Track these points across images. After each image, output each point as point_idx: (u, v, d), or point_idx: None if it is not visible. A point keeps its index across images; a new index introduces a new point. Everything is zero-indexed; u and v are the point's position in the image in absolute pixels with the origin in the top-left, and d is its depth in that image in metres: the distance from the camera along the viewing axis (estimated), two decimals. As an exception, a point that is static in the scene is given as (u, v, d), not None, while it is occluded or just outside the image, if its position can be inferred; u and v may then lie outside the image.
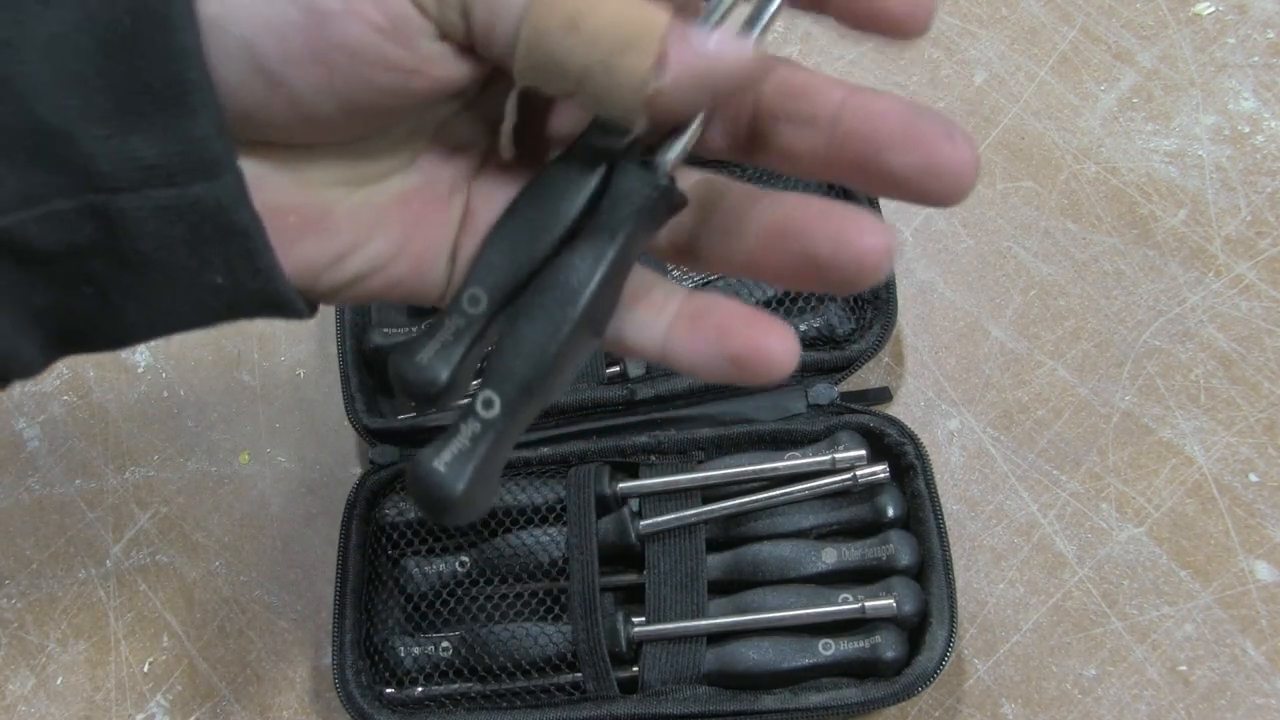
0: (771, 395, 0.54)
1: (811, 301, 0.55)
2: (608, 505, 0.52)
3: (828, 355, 0.54)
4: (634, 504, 0.52)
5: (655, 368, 0.55)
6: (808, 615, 0.48)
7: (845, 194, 0.53)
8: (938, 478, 0.51)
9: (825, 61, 0.63)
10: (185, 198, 0.23)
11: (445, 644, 0.51)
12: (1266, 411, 0.53)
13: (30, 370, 0.25)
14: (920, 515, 0.50)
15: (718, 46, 0.24)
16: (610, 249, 0.26)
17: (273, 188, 0.25)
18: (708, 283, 0.56)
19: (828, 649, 0.48)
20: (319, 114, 0.24)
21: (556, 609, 0.51)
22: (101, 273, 0.24)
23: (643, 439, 0.53)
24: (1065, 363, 0.55)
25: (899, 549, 0.49)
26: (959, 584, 0.49)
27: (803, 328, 0.54)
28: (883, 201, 0.55)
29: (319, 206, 0.26)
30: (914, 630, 0.48)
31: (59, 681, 0.56)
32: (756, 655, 0.48)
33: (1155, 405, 0.54)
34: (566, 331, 0.26)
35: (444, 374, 0.27)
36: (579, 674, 0.49)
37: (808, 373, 0.54)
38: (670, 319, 0.28)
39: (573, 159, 0.27)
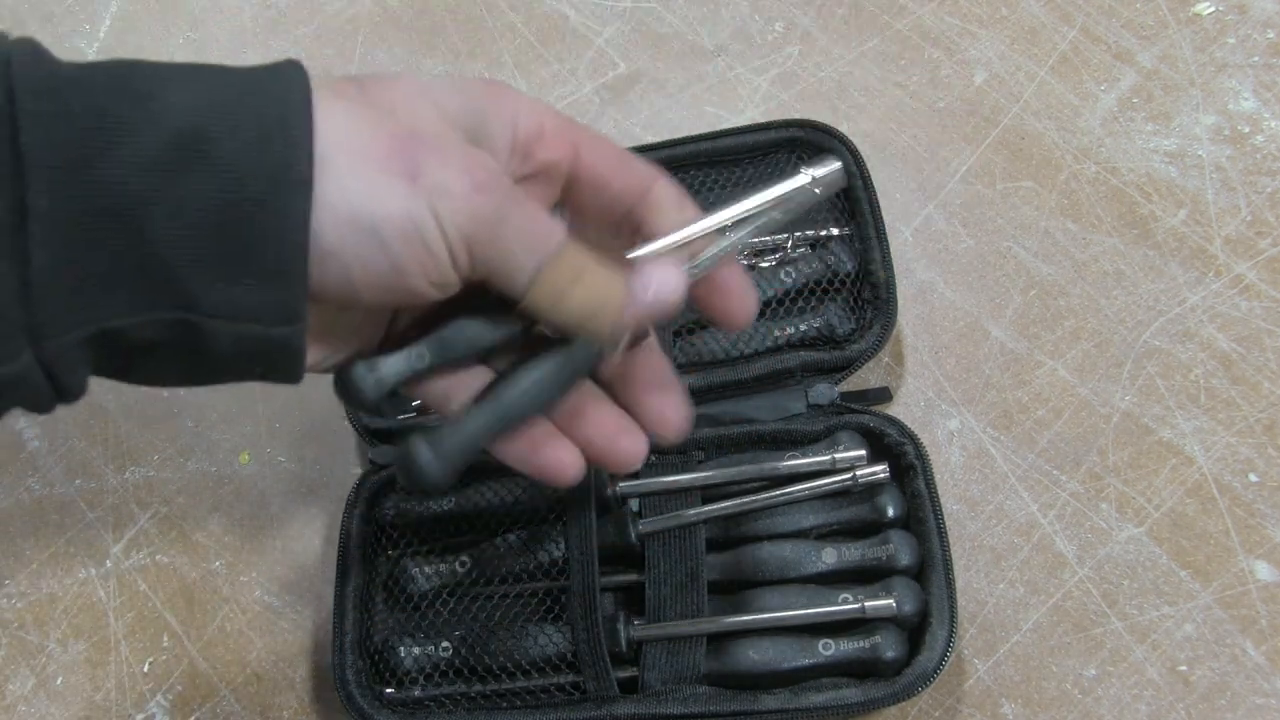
0: (772, 395, 0.54)
1: (811, 301, 0.55)
2: (608, 505, 0.52)
3: (828, 355, 0.54)
4: (634, 504, 0.52)
5: (655, 368, 0.55)
6: (808, 615, 0.48)
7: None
8: (938, 478, 0.51)
9: (825, 62, 0.63)
10: (267, 335, 0.32)
11: (445, 644, 0.51)
12: (1266, 411, 0.53)
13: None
14: (920, 515, 0.50)
15: (660, 291, 0.37)
16: (582, 352, 0.38)
17: (310, 324, 0.34)
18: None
19: (828, 649, 0.48)
20: (368, 306, 0.36)
21: (556, 609, 0.51)
22: (175, 358, 0.33)
23: (643, 439, 0.53)
24: (1065, 363, 0.55)
25: (899, 549, 0.49)
26: (959, 584, 0.49)
27: (803, 328, 0.54)
28: (883, 202, 0.55)
29: (325, 325, 0.36)
30: (914, 630, 0.48)
31: (59, 681, 0.56)
32: (756, 655, 0.48)
33: (1155, 405, 0.54)
34: (524, 387, 0.38)
35: (369, 385, 0.37)
36: (579, 674, 0.49)
37: (808, 373, 0.54)
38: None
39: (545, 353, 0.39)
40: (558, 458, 0.40)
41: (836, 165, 0.41)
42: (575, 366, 0.38)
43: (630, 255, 0.38)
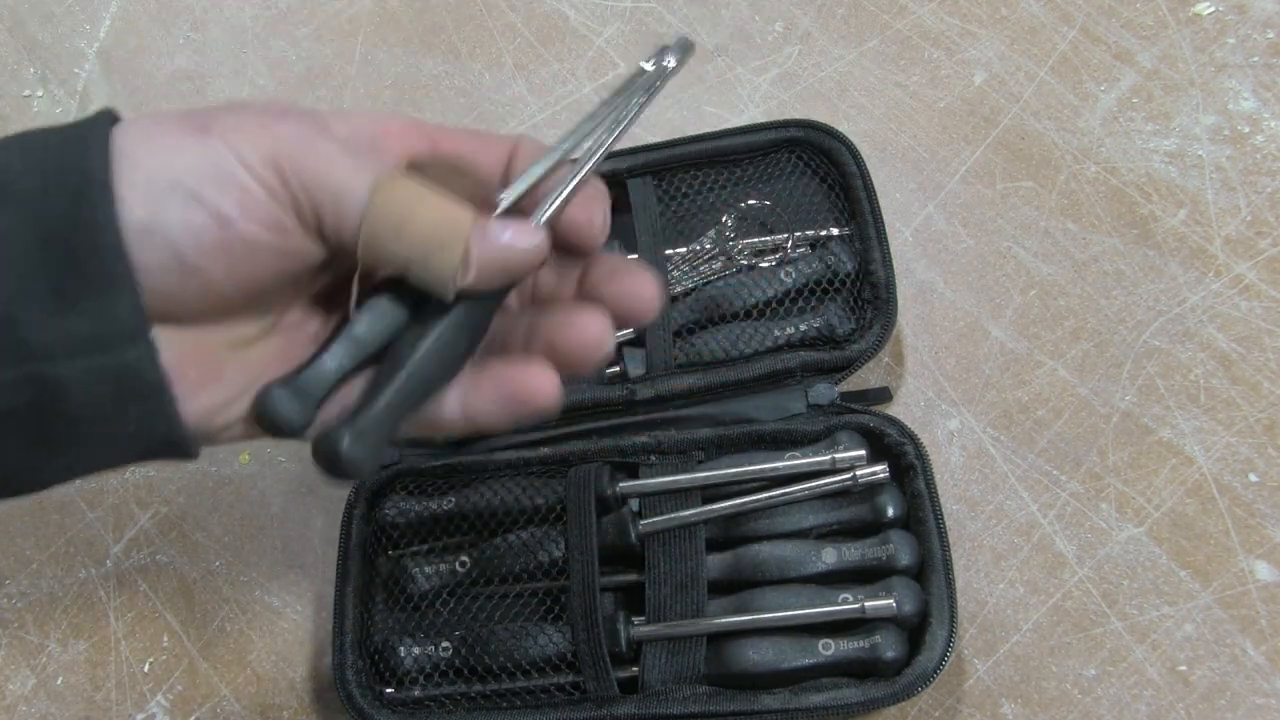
0: (772, 395, 0.54)
1: (811, 301, 0.55)
2: (608, 505, 0.52)
3: (828, 355, 0.54)
4: (634, 504, 0.52)
5: (655, 367, 0.55)
6: (808, 615, 0.48)
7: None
8: (938, 478, 0.51)
9: (825, 62, 0.63)
10: (113, 361, 0.30)
11: (445, 644, 0.51)
12: (1266, 411, 0.53)
13: None
14: (920, 515, 0.50)
15: (512, 239, 0.33)
16: (457, 319, 0.35)
17: (178, 351, 0.32)
18: (707, 283, 0.56)
19: (828, 649, 0.48)
20: (220, 291, 0.32)
21: (556, 609, 0.51)
22: (34, 428, 0.30)
23: (643, 439, 0.53)
24: (1065, 363, 0.55)
25: (899, 549, 0.49)
26: (959, 584, 0.49)
27: (803, 328, 0.54)
28: (883, 202, 0.55)
29: (210, 366, 0.33)
30: (914, 630, 0.48)
31: (59, 681, 0.56)
32: (756, 655, 0.48)
33: (1155, 405, 0.54)
34: (427, 347, 0.34)
35: (300, 414, 0.34)
36: (579, 674, 0.49)
37: (808, 373, 0.54)
38: (460, 389, 0.36)
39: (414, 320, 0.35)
40: (530, 383, 0.36)
41: (673, 44, 0.38)
42: (475, 319, 0.35)
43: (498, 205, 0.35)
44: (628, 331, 0.56)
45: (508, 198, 0.35)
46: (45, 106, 0.67)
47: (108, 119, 0.31)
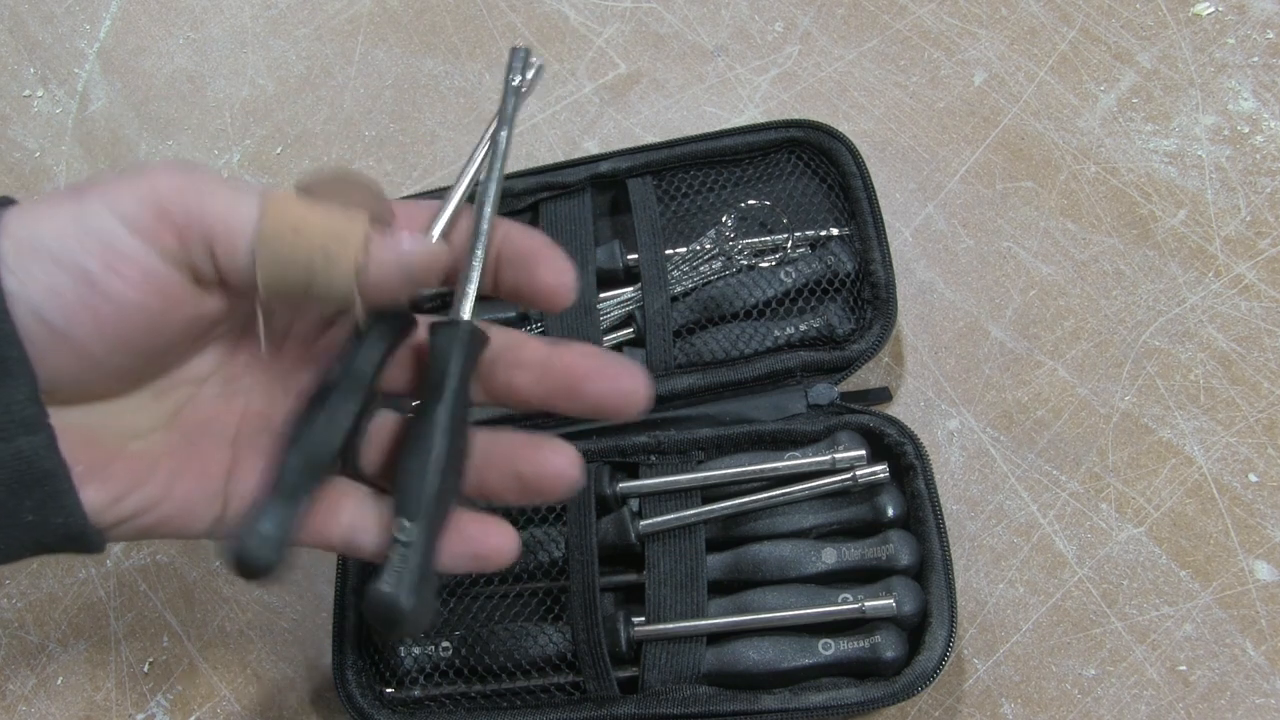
0: (772, 395, 0.54)
1: (811, 301, 0.55)
2: (608, 505, 0.52)
3: (828, 355, 0.54)
4: (634, 504, 0.52)
5: (655, 367, 0.55)
6: (808, 615, 0.48)
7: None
8: (938, 478, 0.51)
9: (825, 62, 0.63)
10: (9, 449, 0.29)
11: (445, 644, 0.51)
12: (1266, 411, 0.53)
13: None
14: (920, 515, 0.50)
15: (410, 243, 0.33)
16: (447, 393, 0.35)
17: (66, 439, 0.31)
18: (707, 283, 0.56)
19: (828, 649, 0.48)
20: (101, 362, 0.31)
21: (556, 609, 0.51)
22: None
23: (643, 439, 0.53)
24: (1065, 363, 0.55)
25: (899, 549, 0.49)
26: (959, 584, 0.49)
27: (803, 328, 0.54)
28: (883, 202, 0.55)
29: (102, 456, 0.32)
30: (914, 630, 0.48)
31: (59, 681, 0.56)
32: (756, 655, 0.48)
33: (1155, 405, 0.54)
34: (436, 465, 0.34)
35: (274, 556, 0.34)
36: (579, 674, 0.49)
37: (808, 373, 0.54)
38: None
39: (347, 353, 0.36)
40: (490, 543, 0.36)
41: (528, 63, 0.40)
42: (451, 400, 0.35)
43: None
44: (628, 331, 0.56)
45: (436, 231, 0.36)
46: (45, 106, 0.67)
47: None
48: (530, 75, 0.40)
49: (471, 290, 0.37)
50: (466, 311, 0.37)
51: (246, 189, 0.32)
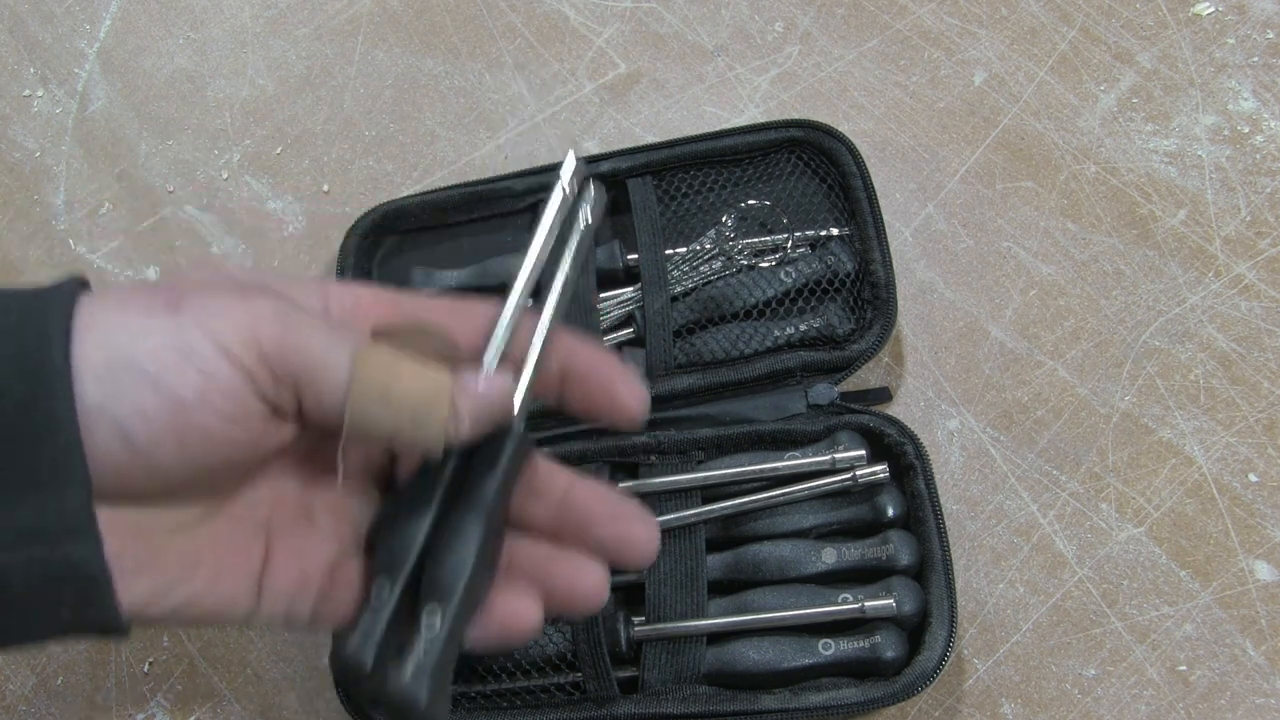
0: (772, 395, 0.54)
1: (811, 301, 0.55)
2: (608, 505, 0.52)
3: (828, 355, 0.54)
4: (634, 504, 0.52)
5: (655, 367, 0.55)
6: (808, 615, 0.48)
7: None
8: (937, 478, 0.51)
9: (825, 62, 0.63)
10: (55, 555, 0.29)
11: (445, 644, 0.51)
12: (1266, 411, 0.53)
13: None
14: (920, 515, 0.50)
15: (486, 388, 0.34)
16: (491, 493, 0.35)
17: (116, 535, 0.30)
18: (707, 283, 0.56)
19: (828, 649, 0.48)
20: (169, 477, 0.31)
21: (556, 609, 0.51)
22: None
23: (643, 439, 0.53)
24: (1065, 363, 0.55)
25: (899, 549, 0.49)
26: (959, 584, 0.49)
27: (803, 328, 0.54)
28: (883, 202, 0.55)
29: (150, 551, 0.32)
30: (914, 630, 0.48)
31: (59, 681, 0.56)
32: (756, 655, 0.48)
33: (1155, 405, 0.54)
34: (474, 559, 0.34)
35: (369, 660, 0.34)
36: (579, 674, 0.49)
37: (808, 373, 0.54)
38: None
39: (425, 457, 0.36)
40: (512, 610, 0.36)
41: (590, 187, 0.40)
42: (496, 526, 0.35)
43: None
44: (628, 331, 0.56)
45: (490, 359, 0.37)
46: (45, 106, 0.67)
47: (72, 289, 0.30)
48: (592, 203, 0.40)
49: (522, 397, 0.37)
50: (518, 417, 0.37)
51: (340, 336, 0.33)
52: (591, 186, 0.40)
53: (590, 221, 0.40)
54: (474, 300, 0.38)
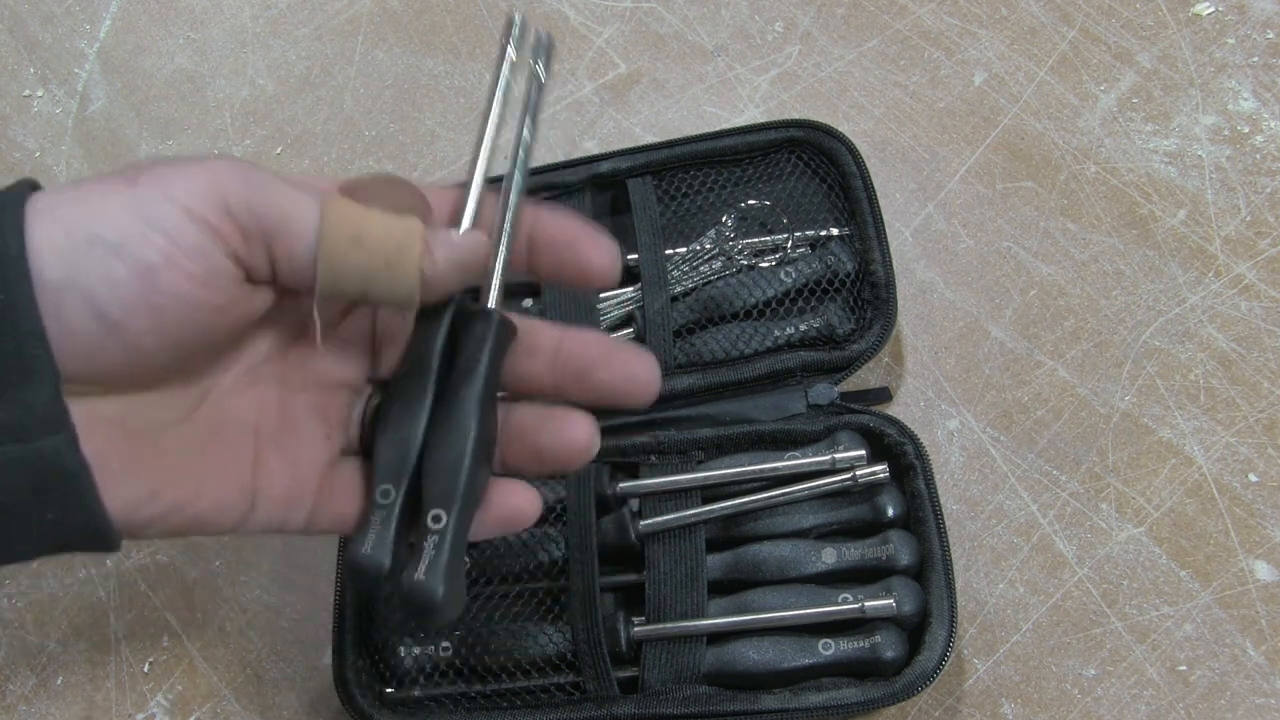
0: (771, 395, 0.54)
1: (811, 301, 0.55)
2: (608, 505, 0.52)
3: (828, 355, 0.54)
4: (634, 504, 0.52)
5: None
6: (807, 615, 0.48)
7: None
8: (938, 478, 0.51)
9: (825, 62, 0.63)
10: (31, 450, 0.28)
11: (445, 644, 0.51)
12: (1266, 411, 0.53)
13: None
14: (920, 515, 0.50)
15: (460, 239, 0.34)
16: (479, 382, 0.35)
17: (98, 434, 0.30)
18: (707, 283, 0.56)
19: (828, 649, 0.48)
20: (146, 353, 0.30)
21: (556, 609, 0.51)
22: None
23: (643, 439, 0.53)
24: (1065, 363, 0.55)
25: (899, 549, 0.49)
26: (959, 584, 0.49)
27: (803, 328, 0.54)
28: (883, 202, 0.55)
29: (135, 451, 0.31)
30: (914, 630, 0.48)
31: (59, 681, 0.56)
32: (756, 655, 0.48)
33: (1155, 405, 0.54)
34: (470, 454, 0.35)
35: (386, 559, 0.34)
36: (579, 674, 0.49)
37: (808, 373, 0.54)
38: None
39: (411, 350, 0.36)
40: (514, 504, 0.37)
41: (530, 30, 0.40)
42: (481, 388, 0.35)
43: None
44: (628, 331, 0.56)
45: (465, 220, 0.37)
46: (45, 106, 0.67)
47: (23, 186, 0.30)
48: (546, 61, 0.40)
49: (498, 280, 0.37)
50: (494, 300, 0.37)
51: (305, 189, 0.32)
52: (543, 37, 0.40)
53: (544, 77, 0.40)
54: (439, 187, 0.37)
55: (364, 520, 0.35)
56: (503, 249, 0.37)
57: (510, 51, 0.40)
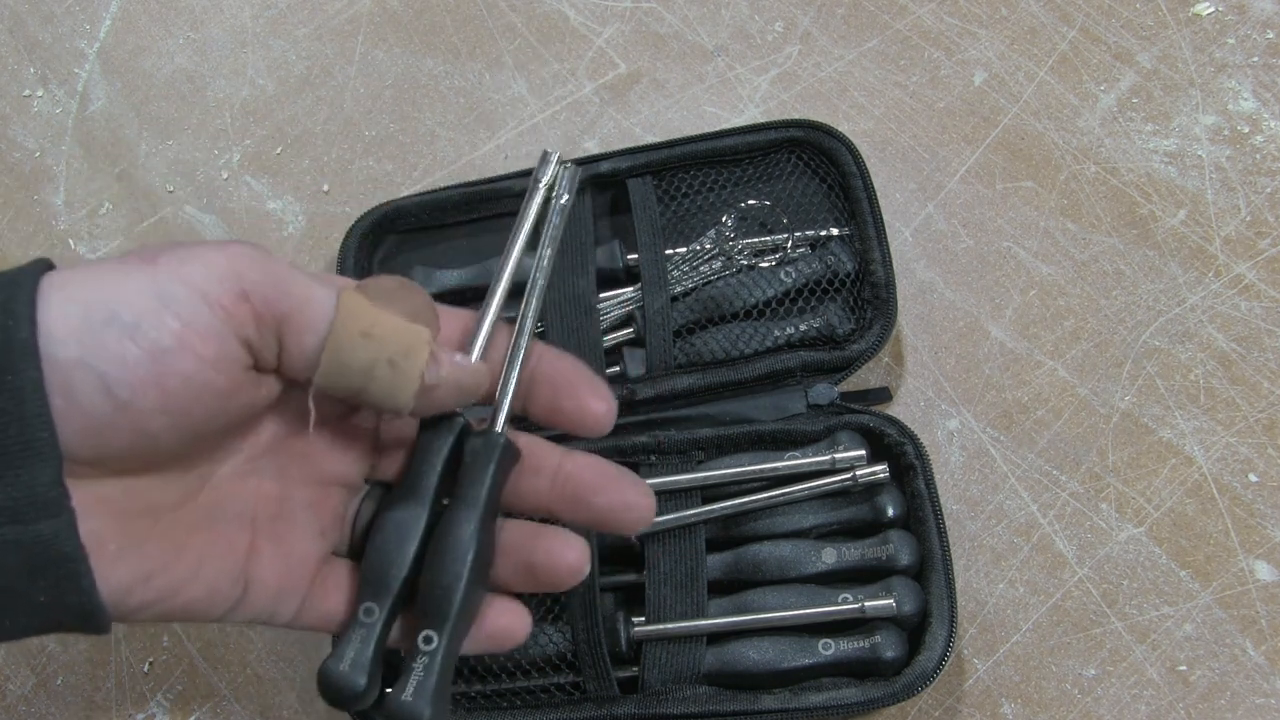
0: (772, 395, 0.54)
1: (811, 301, 0.55)
2: (608, 505, 0.52)
3: (828, 355, 0.54)
4: (634, 504, 0.52)
5: (655, 367, 0.55)
6: (807, 615, 0.48)
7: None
8: (937, 478, 0.51)
9: (825, 62, 0.63)
10: (29, 533, 0.28)
11: (445, 644, 0.51)
12: (1266, 411, 0.53)
13: None
14: (920, 515, 0.50)
15: (466, 360, 0.35)
16: (480, 503, 0.36)
17: (96, 516, 0.30)
18: (707, 283, 0.56)
19: (828, 649, 0.48)
20: (153, 431, 0.30)
21: (556, 609, 0.51)
22: None
23: (643, 439, 0.53)
24: (1065, 363, 0.55)
25: (899, 549, 0.49)
26: (959, 584, 0.49)
27: (803, 328, 0.54)
28: (883, 202, 0.55)
29: (132, 535, 0.31)
30: (914, 630, 0.48)
31: (59, 681, 0.56)
32: (756, 655, 0.48)
33: (1155, 405, 0.54)
34: (466, 577, 0.35)
35: (362, 680, 0.35)
36: (579, 674, 0.49)
37: (808, 373, 0.54)
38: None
39: (413, 463, 0.37)
40: (505, 623, 0.38)
41: (556, 161, 0.41)
42: (487, 535, 0.36)
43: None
44: (628, 331, 0.56)
45: (475, 350, 0.38)
46: (45, 106, 0.67)
47: (39, 267, 0.30)
48: (569, 186, 0.41)
49: (507, 404, 0.38)
50: (501, 424, 0.38)
51: (322, 281, 0.33)
52: (566, 172, 0.41)
53: (566, 201, 0.41)
54: (452, 308, 0.38)
55: (344, 635, 0.35)
56: (515, 374, 0.38)
57: (541, 185, 0.41)
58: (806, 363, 0.54)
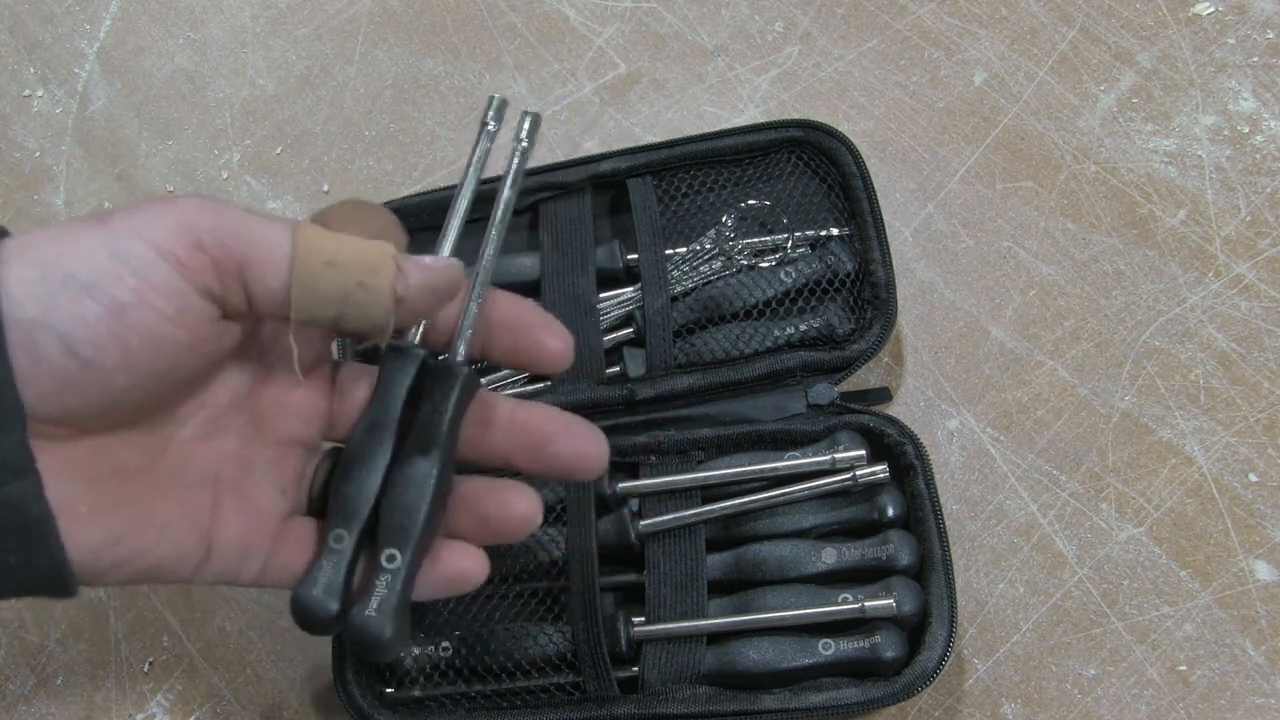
0: (772, 395, 0.54)
1: (811, 301, 0.55)
2: (607, 505, 0.52)
3: (828, 355, 0.54)
4: (634, 504, 0.52)
5: (655, 367, 0.55)
6: (807, 615, 0.48)
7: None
8: (938, 478, 0.51)
9: (825, 62, 0.63)
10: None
11: (445, 644, 0.51)
12: (1266, 411, 0.53)
13: None
14: (920, 515, 0.50)
15: (433, 263, 0.35)
16: (443, 432, 0.37)
17: (64, 478, 0.31)
18: (707, 283, 0.56)
19: (828, 649, 0.48)
20: (117, 388, 0.31)
21: (556, 609, 0.51)
22: None
23: (643, 439, 0.53)
24: (1065, 363, 0.55)
25: (899, 549, 0.49)
26: (959, 584, 0.49)
27: (803, 328, 0.54)
28: (883, 202, 0.55)
29: (99, 497, 0.32)
30: (914, 630, 0.48)
31: (59, 681, 0.56)
32: (756, 655, 0.48)
33: (1155, 405, 0.54)
34: (430, 498, 0.36)
35: (335, 604, 0.36)
36: (579, 674, 0.49)
37: (808, 373, 0.54)
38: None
39: (375, 398, 0.38)
40: (464, 567, 0.38)
41: (505, 102, 0.42)
42: (446, 464, 0.37)
43: None
44: (628, 331, 0.56)
45: (446, 249, 0.39)
46: (45, 106, 0.67)
47: None
48: (528, 128, 0.42)
49: (468, 334, 0.38)
50: (463, 354, 0.38)
51: (276, 220, 0.33)
52: (526, 119, 0.42)
53: (526, 143, 0.42)
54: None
55: (315, 562, 0.36)
56: (474, 302, 0.38)
57: (490, 124, 0.42)
58: (806, 363, 0.54)
